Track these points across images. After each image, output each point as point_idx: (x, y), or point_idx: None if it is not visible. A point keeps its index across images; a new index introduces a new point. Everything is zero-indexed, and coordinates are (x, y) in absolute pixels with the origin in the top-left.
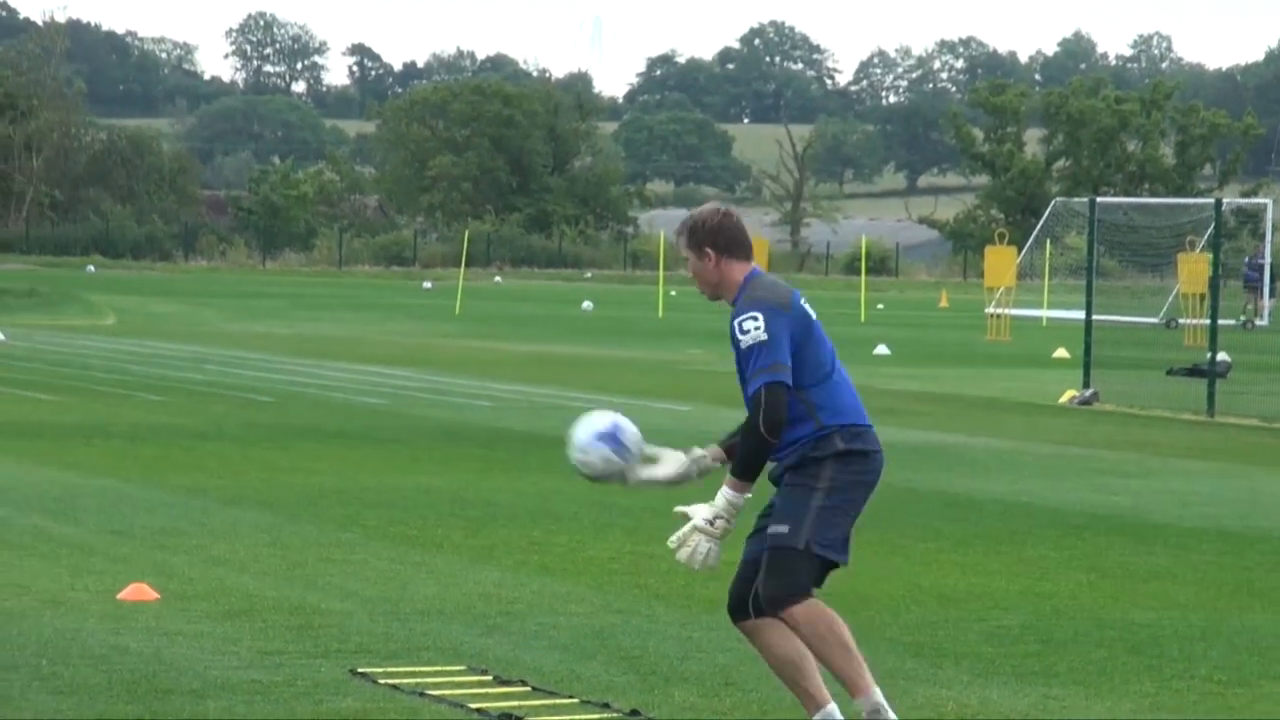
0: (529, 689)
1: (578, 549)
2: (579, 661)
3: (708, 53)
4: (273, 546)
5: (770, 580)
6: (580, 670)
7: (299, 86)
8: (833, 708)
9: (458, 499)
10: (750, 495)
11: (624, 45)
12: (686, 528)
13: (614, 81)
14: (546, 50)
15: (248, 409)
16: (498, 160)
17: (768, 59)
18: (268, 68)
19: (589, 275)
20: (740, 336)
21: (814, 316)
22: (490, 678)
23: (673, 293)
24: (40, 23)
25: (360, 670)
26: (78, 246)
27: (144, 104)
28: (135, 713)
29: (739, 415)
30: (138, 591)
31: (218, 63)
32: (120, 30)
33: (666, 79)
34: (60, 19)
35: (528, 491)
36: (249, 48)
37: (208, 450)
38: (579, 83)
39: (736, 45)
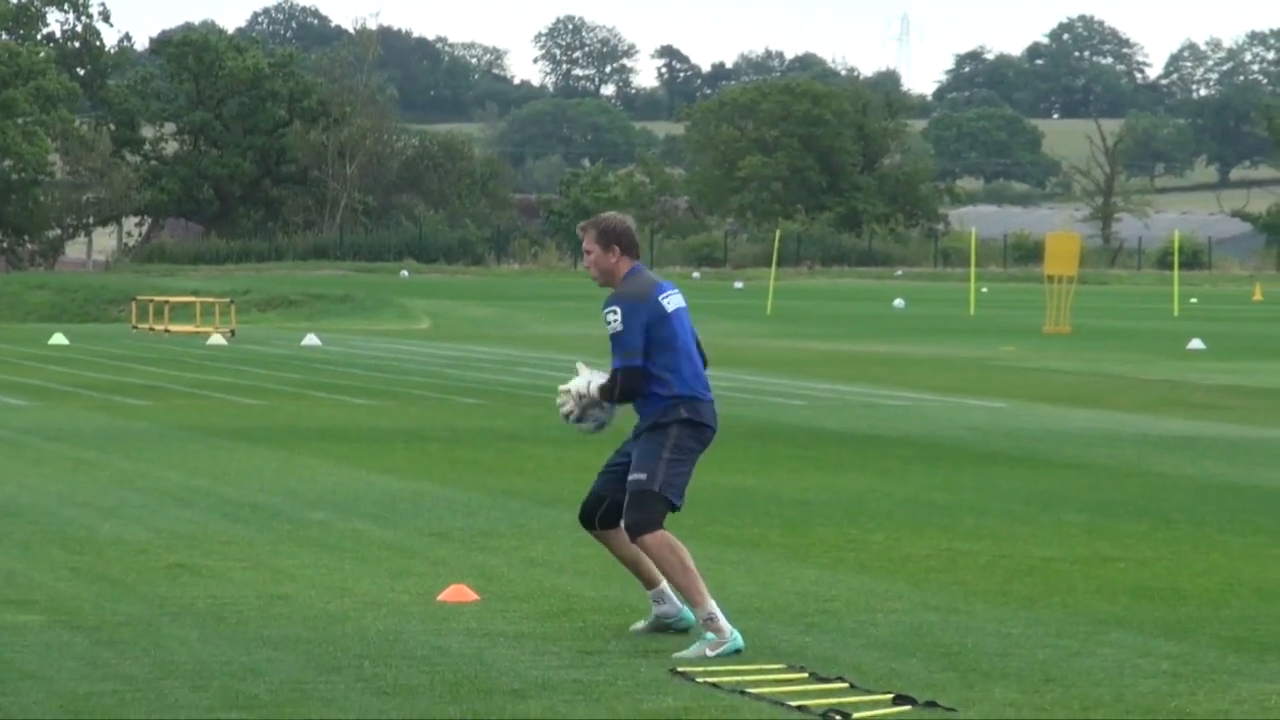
0: (848, 686)
1: (894, 546)
2: (898, 659)
3: (1016, 48)
4: (590, 547)
5: (632, 514)
6: (899, 668)
7: (608, 89)
8: (664, 586)
9: (774, 498)
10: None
11: (932, 42)
12: (570, 384)
13: (922, 79)
14: (854, 49)
15: None
16: (807, 159)
17: (1077, 54)
18: (577, 71)
19: (899, 273)
20: (605, 326)
21: (671, 308)
22: (808, 675)
23: (984, 289)
24: (352, 30)
25: (680, 669)
26: (391, 251)
27: (454, 109)
28: (457, 713)
29: (1056, 411)
30: (457, 593)
31: (527, 67)
32: (430, 36)
33: (975, 75)
34: (372, 26)
35: (843, 490)
36: (558, 51)
37: (523, 452)
38: (888, 81)
39: (1045, 40)
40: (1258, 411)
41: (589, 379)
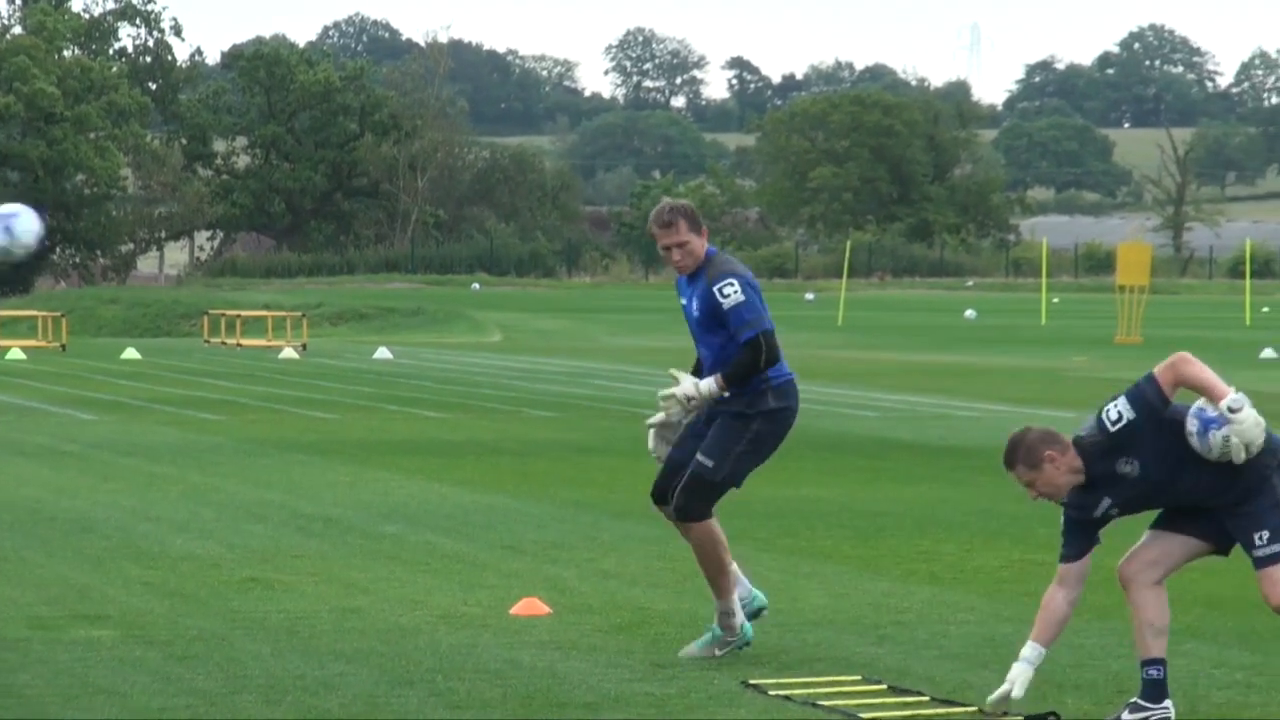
0: (927, 699)
1: (966, 558)
2: (971, 670)
3: (1086, 58)
4: (663, 559)
5: (686, 498)
6: (973, 679)
7: (678, 101)
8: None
9: (845, 509)
10: (726, 395)
11: (1002, 52)
12: (673, 390)
13: (993, 89)
14: (925, 59)
15: (634, 423)
16: (878, 170)
17: (1147, 62)
18: (647, 83)
19: (970, 283)
20: (722, 299)
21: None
22: (885, 687)
23: (1055, 300)
24: (423, 44)
25: (752, 682)
26: (462, 264)
27: (525, 122)
28: None
29: None
30: (530, 606)
31: (598, 79)
32: (501, 49)
33: (1045, 85)
34: (442, 39)
35: (915, 501)
36: (629, 63)
37: (595, 465)
38: (958, 91)
39: (1116, 49)
40: None
41: (694, 381)
